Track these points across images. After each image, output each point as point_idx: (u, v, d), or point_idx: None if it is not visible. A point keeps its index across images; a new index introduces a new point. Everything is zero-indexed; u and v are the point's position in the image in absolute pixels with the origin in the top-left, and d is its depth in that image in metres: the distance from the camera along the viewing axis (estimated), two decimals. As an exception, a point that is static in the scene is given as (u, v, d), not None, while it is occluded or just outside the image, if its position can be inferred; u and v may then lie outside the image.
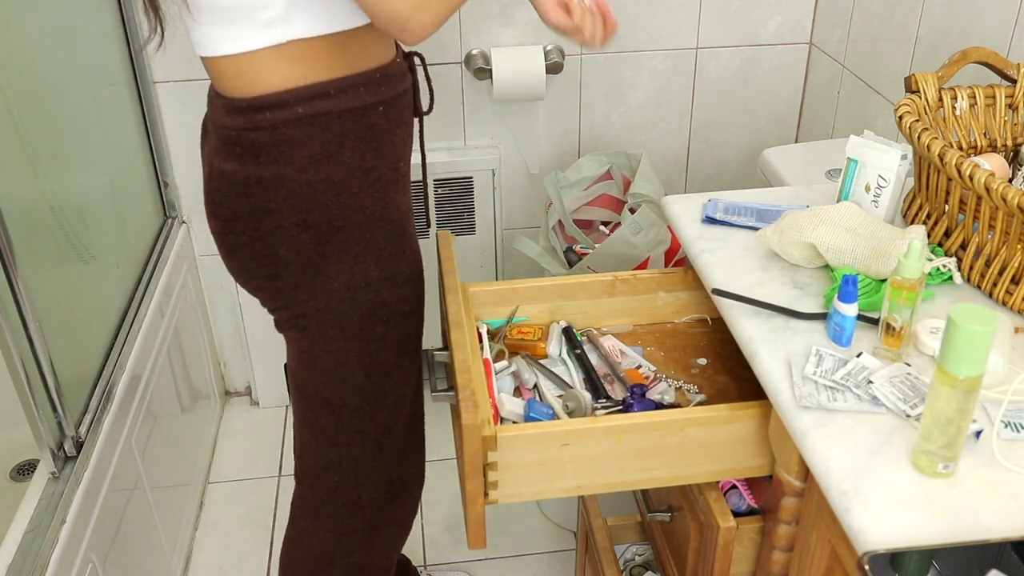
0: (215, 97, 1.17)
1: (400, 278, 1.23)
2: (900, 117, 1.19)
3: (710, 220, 1.34)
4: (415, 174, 1.35)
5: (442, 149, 2.20)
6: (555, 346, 1.32)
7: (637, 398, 1.21)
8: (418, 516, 2.12)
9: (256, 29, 1.07)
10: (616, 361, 1.30)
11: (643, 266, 1.88)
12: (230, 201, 1.16)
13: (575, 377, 1.28)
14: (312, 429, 1.31)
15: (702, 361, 1.33)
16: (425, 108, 1.34)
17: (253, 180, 1.14)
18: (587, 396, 1.22)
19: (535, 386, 1.27)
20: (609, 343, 1.33)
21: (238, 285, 1.28)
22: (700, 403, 1.24)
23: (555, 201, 2.02)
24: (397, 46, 1.23)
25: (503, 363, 1.29)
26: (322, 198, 1.15)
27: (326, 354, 1.24)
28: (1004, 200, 1.03)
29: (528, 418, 1.18)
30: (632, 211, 1.90)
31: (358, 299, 1.20)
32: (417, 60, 1.29)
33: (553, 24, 1.19)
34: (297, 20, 1.07)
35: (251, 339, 2.33)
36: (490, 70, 2.04)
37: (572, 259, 1.95)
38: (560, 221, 2.03)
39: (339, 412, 1.27)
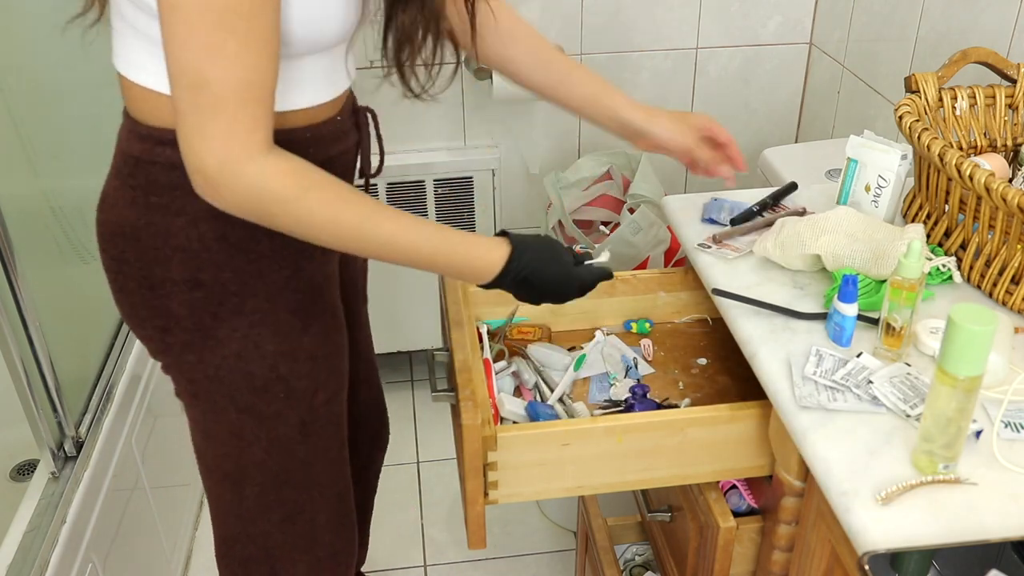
0: (125, 116, 1.05)
1: (301, 354, 1.10)
2: (900, 117, 1.19)
3: (711, 221, 1.34)
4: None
5: (442, 149, 2.20)
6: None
7: (638, 399, 1.21)
8: (418, 516, 2.12)
9: None
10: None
11: (643, 266, 1.88)
12: (118, 240, 1.05)
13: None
14: (217, 501, 1.21)
15: (702, 361, 1.32)
16: (374, 168, 1.19)
17: (142, 224, 1.02)
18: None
19: (535, 386, 1.27)
20: (612, 341, 1.33)
21: None
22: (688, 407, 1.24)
23: (555, 201, 2.02)
24: (346, 101, 1.10)
25: (503, 363, 1.29)
26: (214, 257, 1.02)
27: (218, 425, 1.12)
28: (1004, 200, 1.03)
29: (532, 419, 1.18)
30: (631, 211, 1.90)
31: (250, 371, 1.08)
32: (369, 116, 1.16)
33: (701, 157, 1.27)
34: None
35: (251, 339, 2.33)
36: (490, 70, 2.04)
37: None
38: (560, 221, 2.03)
39: (240, 485, 1.16)
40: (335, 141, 1.08)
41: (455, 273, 1.06)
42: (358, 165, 1.16)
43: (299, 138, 1.01)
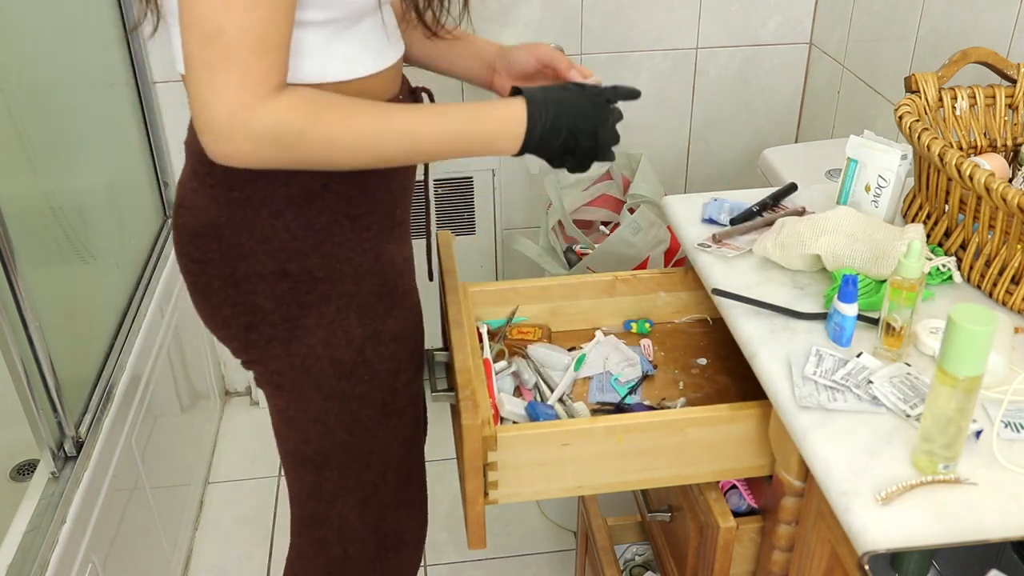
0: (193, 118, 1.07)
1: (386, 336, 1.13)
2: (900, 117, 1.19)
3: (711, 221, 1.34)
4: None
5: (442, 149, 2.19)
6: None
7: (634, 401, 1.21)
8: (418, 516, 2.12)
9: None
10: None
11: (643, 266, 1.88)
12: (200, 241, 1.06)
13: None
14: (298, 483, 1.24)
15: (702, 361, 1.32)
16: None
17: (225, 220, 1.03)
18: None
19: (535, 386, 1.27)
20: (611, 341, 1.33)
21: None
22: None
23: (555, 202, 2.02)
24: (403, 80, 1.12)
25: (503, 363, 1.29)
26: (300, 245, 1.04)
27: (304, 413, 1.15)
28: (1004, 200, 1.03)
29: (532, 419, 1.18)
30: (631, 211, 1.90)
31: (337, 357, 1.10)
32: (425, 96, 1.17)
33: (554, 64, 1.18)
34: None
35: (251, 339, 2.33)
36: (490, 70, 2.04)
37: (572, 259, 1.95)
38: (560, 221, 2.03)
39: (321, 469, 1.19)
40: None
41: (484, 143, 1.01)
42: None
43: None
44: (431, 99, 1.18)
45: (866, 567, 0.81)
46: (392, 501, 1.25)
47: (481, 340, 1.29)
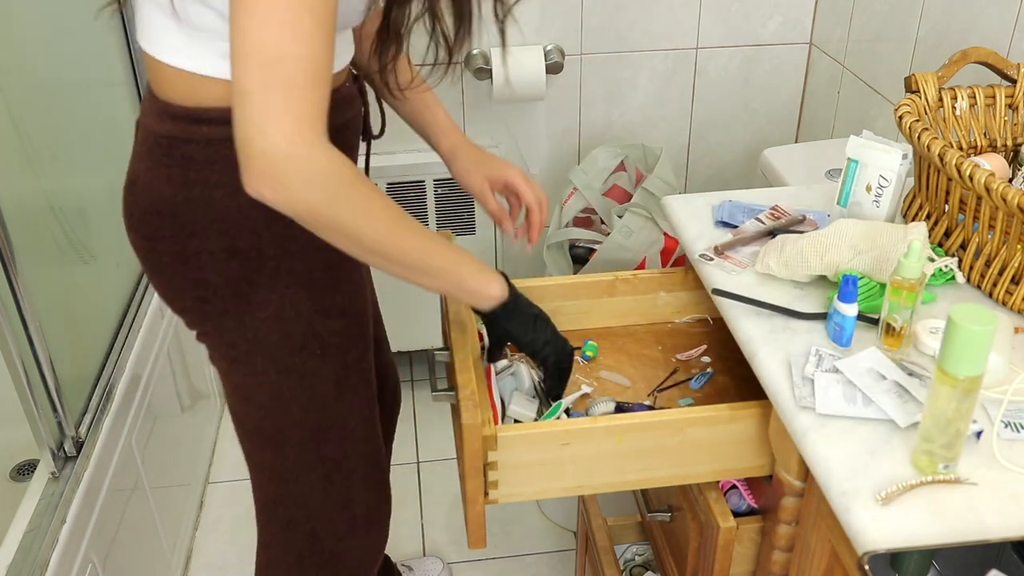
0: (150, 98, 1.06)
1: (334, 311, 1.15)
2: (900, 117, 1.18)
3: (725, 224, 1.33)
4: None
5: (442, 149, 2.20)
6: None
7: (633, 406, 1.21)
8: (418, 516, 2.12)
9: (213, 58, 0.98)
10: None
11: (642, 266, 1.87)
12: (151, 218, 1.07)
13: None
14: (258, 465, 1.25)
15: (703, 361, 1.32)
16: (376, 131, 1.26)
17: (180, 200, 1.04)
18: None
19: (533, 388, 1.26)
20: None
21: None
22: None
23: (585, 193, 2.01)
24: (349, 69, 1.14)
25: (504, 363, 1.29)
26: (252, 225, 1.05)
27: (259, 387, 1.16)
28: (1004, 200, 1.03)
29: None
30: (619, 217, 1.90)
31: (288, 330, 1.12)
32: (365, 83, 1.22)
33: (486, 206, 1.31)
34: None
35: (251, 339, 2.33)
36: (490, 70, 2.04)
37: (582, 255, 1.95)
38: (576, 216, 2.02)
39: (281, 446, 1.20)
40: (347, 106, 1.12)
41: (456, 287, 1.09)
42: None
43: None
44: (371, 85, 1.23)
45: (866, 567, 0.81)
46: (355, 477, 1.26)
47: (482, 339, 1.28)
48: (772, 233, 1.28)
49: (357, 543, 1.32)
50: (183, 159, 1.03)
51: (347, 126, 1.13)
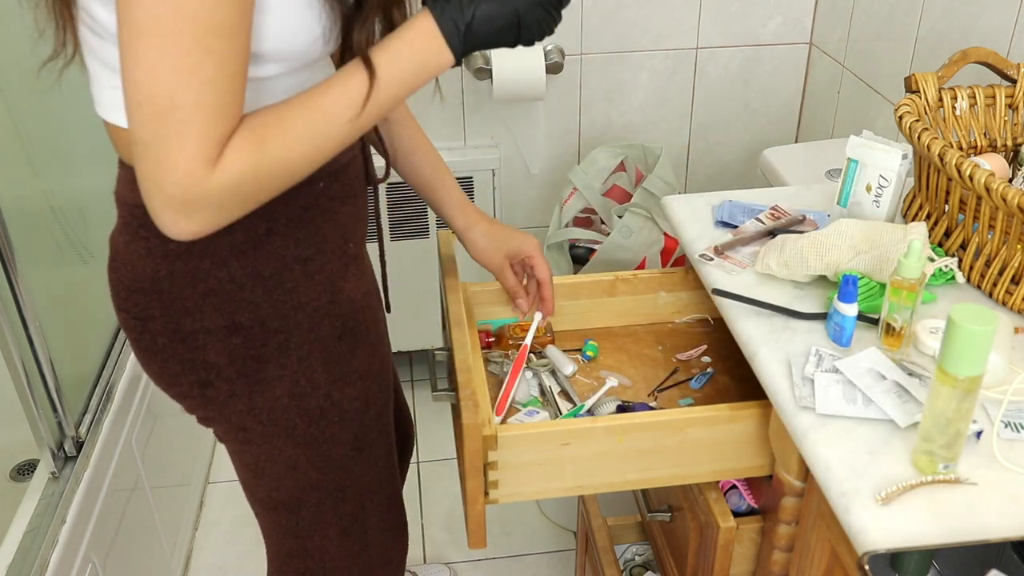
0: (120, 166, 0.97)
1: (353, 376, 1.08)
2: (900, 117, 1.18)
3: (725, 224, 1.33)
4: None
5: (442, 149, 2.18)
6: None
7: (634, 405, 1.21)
8: (418, 516, 2.12)
9: None
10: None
11: (642, 266, 1.88)
12: (138, 297, 0.98)
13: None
14: (271, 526, 1.19)
15: (703, 360, 1.32)
16: (381, 174, 1.15)
17: (164, 275, 0.96)
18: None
19: (551, 391, 1.26)
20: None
21: None
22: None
23: (585, 193, 2.02)
24: None
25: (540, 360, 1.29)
26: (250, 295, 0.97)
27: (274, 463, 1.09)
28: (1004, 200, 1.03)
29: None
30: (619, 217, 1.90)
31: (304, 406, 1.05)
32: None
33: (504, 283, 1.29)
34: None
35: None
36: (490, 70, 2.04)
37: (580, 255, 1.95)
38: (575, 217, 2.02)
39: (296, 510, 1.14)
40: (342, 151, 1.03)
41: (419, 70, 0.91)
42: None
43: None
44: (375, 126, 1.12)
45: (866, 567, 0.81)
46: (371, 523, 1.21)
47: (483, 340, 1.28)
48: (772, 233, 1.28)
49: None
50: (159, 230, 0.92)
51: (344, 169, 1.03)
